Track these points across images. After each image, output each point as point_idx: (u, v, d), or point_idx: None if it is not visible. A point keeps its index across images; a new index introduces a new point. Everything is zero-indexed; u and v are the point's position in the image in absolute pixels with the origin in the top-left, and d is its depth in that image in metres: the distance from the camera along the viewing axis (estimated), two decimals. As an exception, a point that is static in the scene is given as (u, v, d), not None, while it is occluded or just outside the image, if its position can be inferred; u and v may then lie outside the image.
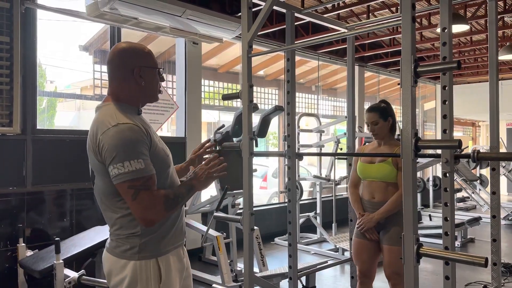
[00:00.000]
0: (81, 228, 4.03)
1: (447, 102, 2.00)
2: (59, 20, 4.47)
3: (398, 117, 3.55)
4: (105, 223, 3.88)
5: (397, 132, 3.04)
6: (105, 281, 2.99)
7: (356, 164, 2.76)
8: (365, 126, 2.74)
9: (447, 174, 2.04)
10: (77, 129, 5.94)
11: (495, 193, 2.67)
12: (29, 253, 3.44)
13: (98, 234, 3.46)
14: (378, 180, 2.62)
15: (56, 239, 3.00)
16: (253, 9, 2.69)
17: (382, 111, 2.70)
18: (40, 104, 4.35)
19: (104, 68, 4.73)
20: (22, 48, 3.83)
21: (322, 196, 6.26)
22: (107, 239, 2.20)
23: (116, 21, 4.15)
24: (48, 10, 4.07)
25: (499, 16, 5.70)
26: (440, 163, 2.08)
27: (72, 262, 3.47)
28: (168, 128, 7.26)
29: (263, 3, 2.68)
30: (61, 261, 2.96)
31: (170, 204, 1.50)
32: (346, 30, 3.43)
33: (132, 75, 1.57)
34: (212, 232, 4.15)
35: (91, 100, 5.05)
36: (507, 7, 5.38)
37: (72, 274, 2.98)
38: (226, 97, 2.93)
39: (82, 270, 3.05)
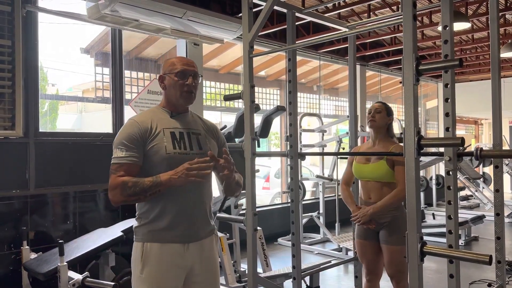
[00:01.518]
0: (84, 230, 4.04)
1: (449, 100, 2.00)
2: (60, 23, 4.48)
3: (400, 116, 3.54)
4: (107, 225, 3.89)
5: (400, 131, 3.04)
6: (109, 282, 3.00)
7: (351, 163, 2.75)
8: (366, 118, 2.72)
9: (450, 172, 2.03)
10: (79, 131, 5.95)
11: (498, 190, 2.66)
12: (33, 255, 3.45)
13: (101, 236, 3.47)
14: (373, 180, 2.61)
15: (59, 241, 3.01)
16: (254, 10, 2.69)
17: (388, 107, 2.72)
18: (42, 107, 4.36)
19: (106, 70, 4.75)
20: (24, 51, 3.84)
21: (325, 196, 6.25)
22: (110, 241, 2.22)
23: (117, 23, 4.15)
24: (49, 13, 4.08)
25: (500, 14, 5.68)
26: (443, 161, 2.08)
27: (76, 265, 3.47)
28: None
29: (263, 4, 2.67)
30: (65, 263, 2.97)
31: (126, 191, 1.65)
32: (347, 30, 3.43)
33: (159, 83, 1.87)
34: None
35: (93, 102, 5.06)
36: (508, 4, 5.37)
37: (76, 276, 2.98)
38: (228, 98, 2.93)
39: (86, 272, 3.06)
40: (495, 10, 2.67)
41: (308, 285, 3.84)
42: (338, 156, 5.86)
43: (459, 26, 5.15)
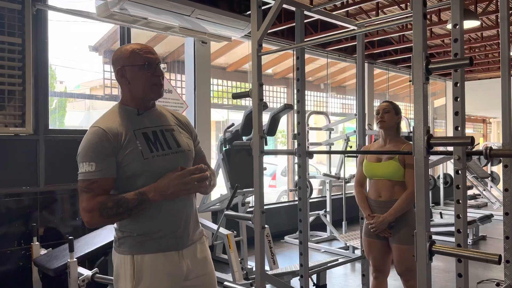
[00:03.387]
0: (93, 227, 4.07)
1: (459, 99, 1.99)
2: (69, 21, 4.52)
3: (408, 114, 3.52)
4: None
5: (407, 130, 3.03)
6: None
7: (362, 163, 2.75)
8: (375, 118, 2.72)
9: (459, 171, 2.03)
10: (87, 129, 6.00)
11: (507, 190, 2.65)
12: (43, 251, 3.49)
13: (110, 233, 3.49)
14: (385, 178, 2.60)
15: (69, 237, 3.04)
16: (262, 8, 2.70)
17: (396, 106, 2.72)
18: (50, 104, 4.40)
19: (114, 68, 4.78)
20: (34, 49, 3.87)
21: (332, 194, 6.24)
22: None
23: (125, 21, 4.18)
24: (59, 11, 4.11)
25: (511, 12, 5.63)
26: (451, 160, 2.07)
27: (85, 261, 3.51)
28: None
29: (272, 2, 2.68)
30: (75, 259, 3.00)
31: (106, 212, 1.46)
32: (355, 28, 3.42)
33: (118, 77, 1.62)
34: (222, 230, 4.17)
35: (101, 100, 5.10)
36: (518, 2, 5.32)
37: (86, 272, 3.02)
38: (236, 96, 2.94)
39: (95, 268, 3.09)
40: (505, 8, 2.65)
41: (315, 283, 3.85)
42: (345, 155, 5.85)
43: (468, 24, 5.12)
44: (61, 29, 4.62)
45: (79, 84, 6.78)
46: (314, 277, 3.85)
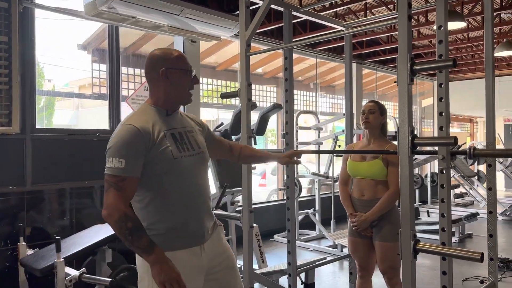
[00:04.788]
0: (81, 226, 4.05)
1: (443, 100, 2.02)
2: (57, 19, 4.48)
3: (397, 114, 3.56)
4: (104, 222, 3.90)
5: (394, 130, 3.07)
6: (106, 279, 3.01)
7: (346, 162, 2.77)
8: (360, 117, 2.74)
9: (444, 171, 2.06)
10: (76, 128, 5.95)
11: (491, 189, 2.70)
12: (30, 252, 3.46)
13: (98, 232, 3.48)
14: (368, 178, 2.63)
15: (56, 237, 3.02)
16: (251, 8, 2.71)
17: (381, 106, 2.73)
18: (38, 103, 4.36)
19: (102, 66, 4.75)
20: (21, 47, 3.83)
21: (321, 193, 6.28)
22: (107, 237, 2.20)
23: (114, 20, 4.15)
24: (46, 9, 4.07)
25: (496, 13, 5.72)
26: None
27: (73, 261, 3.49)
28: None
29: (260, 2, 2.69)
30: (62, 259, 2.98)
31: (121, 226, 1.50)
32: (343, 28, 3.45)
33: (159, 77, 1.66)
34: (211, 229, 4.16)
35: (89, 98, 5.06)
36: (503, 3, 5.41)
37: (73, 273, 3.00)
38: (224, 96, 2.95)
39: (83, 268, 3.07)
40: (489, 10, 2.70)
41: (304, 281, 3.87)
42: (334, 154, 5.88)
43: (454, 25, 5.18)
44: (48, 27, 4.57)
45: (67, 83, 6.72)
46: (303, 275, 3.87)
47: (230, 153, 2.06)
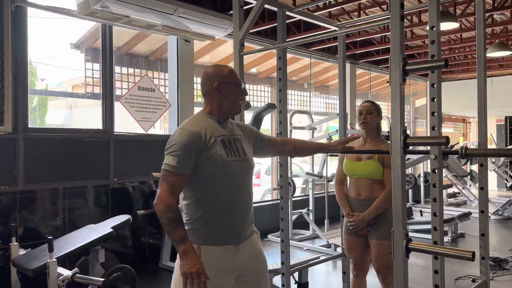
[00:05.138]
0: (73, 226, 4.04)
1: (435, 100, 2.03)
2: (49, 18, 4.45)
3: (388, 114, 3.58)
4: (97, 222, 3.89)
5: (387, 130, 3.08)
6: (99, 278, 3.00)
7: (342, 162, 2.79)
8: (357, 118, 2.74)
9: (436, 170, 2.07)
10: (69, 127, 5.91)
11: (483, 188, 2.72)
12: (22, 252, 3.43)
13: (91, 232, 3.47)
14: (364, 177, 2.64)
15: (49, 237, 3.00)
16: (245, 7, 2.71)
17: (378, 106, 2.75)
18: (31, 102, 4.33)
19: (96, 66, 4.73)
20: (13, 46, 3.81)
21: (315, 192, 6.30)
22: (100, 237, 2.24)
23: (107, 19, 4.14)
24: (39, 8, 4.05)
25: (488, 14, 5.76)
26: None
27: (66, 261, 3.47)
28: (160, 126, 7.25)
29: (254, 2, 2.69)
30: (54, 259, 2.96)
31: (163, 215, 1.70)
32: (337, 29, 3.46)
33: (213, 90, 1.87)
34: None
35: (83, 98, 5.04)
36: (496, 4, 5.44)
37: (66, 273, 2.98)
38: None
39: (76, 268, 3.06)
40: (481, 11, 2.71)
41: (297, 280, 3.88)
42: (328, 154, 5.90)
43: (447, 25, 5.21)
44: (41, 26, 4.55)
45: (60, 82, 6.68)
46: (296, 275, 3.88)
47: (284, 149, 2.23)
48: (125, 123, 4.82)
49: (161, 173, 1.77)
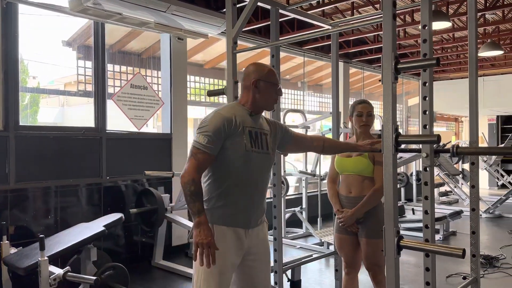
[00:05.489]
0: (65, 225, 4.01)
1: (427, 98, 2.05)
2: (41, 15, 4.41)
3: (381, 113, 3.59)
4: (89, 220, 3.87)
5: (378, 128, 3.09)
6: (91, 277, 2.99)
7: (334, 159, 2.80)
8: (354, 118, 2.73)
9: (427, 168, 2.09)
10: (61, 125, 5.87)
11: (474, 186, 2.75)
12: (13, 250, 3.41)
13: (83, 230, 3.45)
14: (355, 173, 2.66)
15: (40, 236, 2.98)
16: (238, 5, 2.71)
17: (372, 107, 2.76)
18: (22, 100, 4.30)
19: (88, 63, 4.70)
20: (4, 43, 3.77)
21: (308, 191, 6.31)
22: (92, 235, 2.27)
23: (99, 16, 4.11)
24: (30, 5, 4.01)
25: (480, 13, 5.80)
26: (421, 157, 2.13)
27: (57, 259, 3.45)
28: (154, 124, 7.22)
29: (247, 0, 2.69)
30: (46, 258, 2.94)
31: (186, 187, 1.85)
32: (330, 27, 3.47)
33: (250, 85, 2.02)
34: (198, 227, 4.16)
35: (75, 96, 5.00)
36: (488, 4, 5.48)
37: (57, 271, 2.97)
38: (211, 93, 2.95)
39: (67, 267, 3.04)
40: (473, 11, 2.74)
41: (290, 278, 3.89)
42: (321, 152, 5.91)
43: (440, 25, 5.24)
44: (33, 23, 4.51)
45: (52, 80, 6.63)
46: (289, 272, 3.89)
47: (313, 146, 2.33)
48: (118, 121, 4.80)
49: (191, 150, 1.91)
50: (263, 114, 2.12)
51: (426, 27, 2.07)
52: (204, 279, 1.92)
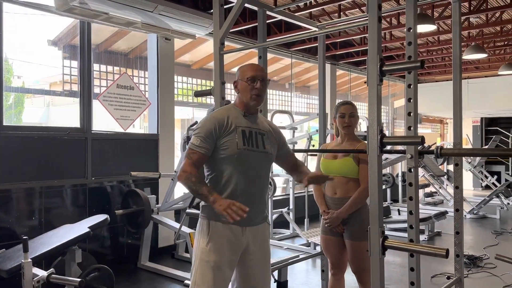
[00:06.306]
0: (50, 226, 3.96)
1: (412, 100, 2.08)
2: (26, 14, 4.35)
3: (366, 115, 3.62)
4: (74, 221, 3.83)
5: (364, 129, 3.11)
6: (75, 279, 2.95)
7: (320, 161, 2.81)
8: (338, 119, 2.75)
9: (412, 169, 2.12)
10: (46, 125, 5.80)
11: (458, 187, 2.79)
12: (-4, 252, 3.35)
13: (68, 232, 3.41)
14: (340, 175, 2.67)
15: (24, 237, 2.94)
16: (225, 6, 2.71)
17: (355, 108, 2.77)
18: (7, 100, 4.24)
19: (74, 63, 4.65)
20: (-13, 42, 3.71)
21: (295, 192, 6.33)
22: (77, 237, 2.27)
23: (85, 15, 4.07)
24: (15, 3, 3.96)
25: (465, 17, 5.89)
26: (406, 159, 2.16)
27: (41, 261, 3.41)
28: (141, 124, 7.17)
29: (235, 1, 2.69)
30: (29, 260, 2.90)
31: (188, 180, 1.95)
32: (317, 29, 3.49)
33: (234, 88, 2.15)
34: (185, 229, 4.15)
35: (60, 96, 4.94)
36: (472, 8, 5.57)
37: (41, 273, 2.92)
38: (198, 94, 2.94)
39: (51, 269, 3.00)
40: (457, 14, 2.78)
41: (276, 279, 3.90)
42: (308, 153, 5.93)
43: (425, 28, 5.30)
44: (18, 22, 4.45)
45: (38, 79, 6.55)
46: (276, 273, 3.90)
47: (291, 169, 2.36)
48: (104, 121, 4.76)
49: (186, 150, 2.04)
50: (267, 118, 2.17)
51: (411, 30, 2.10)
52: (199, 274, 2.01)
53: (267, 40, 3.18)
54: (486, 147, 10.58)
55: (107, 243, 4.57)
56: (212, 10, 4.63)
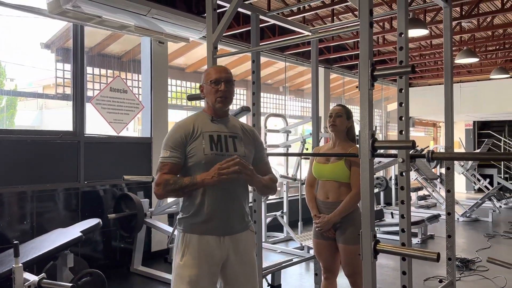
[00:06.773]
0: (42, 231, 3.93)
1: (403, 104, 2.09)
2: (19, 17, 4.34)
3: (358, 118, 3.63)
4: (66, 226, 3.80)
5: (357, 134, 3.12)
6: (67, 284, 2.93)
7: (312, 165, 2.82)
8: (327, 121, 2.77)
9: (404, 173, 2.13)
10: (38, 129, 5.77)
11: (450, 191, 2.80)
12: (-13, 257, 3.32)
13: (60, 236, 3.38)
14: (332, 179, 2.68)
15: (14, 242, 2.91)
16: (219, 10, 2.71)
17: (348, 110, 2.79)
18: (-2, 103, 4.21)
19: (67, 66, 4.63)
20: (-21, 45, 3.69)
21: (289, 195, 6.33)
22: (69, 241, 2.25)
23: (79, 19, 4.06)
24: (7, 7, 3.94)
25: (456, 22, 5.94)
26: (398, 162, 2.17)
27: (33, 266, 3.38)
28: (134, 128, 7.16)
29: (228, 5, 2.70)
30: (20, 264, 2.87)
31: (167, 187, 1.89)
32: (310, 33, 3.50)
33: (201, 92, 2.11)
34: (178, 232, 4.13)
35: (53, 99, 4.92)
36: (463, 13, 5.62)
37: (32, 278, 2.90)
38: (191, 98, 2.94)
39: (43, 274, 2.98)
40: (448, 19, 2.81)
41: (270, 283, 3.89)
42: (302, 157, 5.95)
43: (417, 32, 5.35)
44: (11, 25, 4.43)
45: (31, 82, 6.52)
46: (269, 277, 3.89)
47: None
48: (97, 125, 4.74)
49: (158, 165, 1.97)
50: (240, 119, 2.11)
51: (403, 35, 2.11)
52: None
53: (261, 44, 3.19)
54: (478, 150, 10.65)
55: (99, 247, 4.54)
56: (205, 14, 4.64)
